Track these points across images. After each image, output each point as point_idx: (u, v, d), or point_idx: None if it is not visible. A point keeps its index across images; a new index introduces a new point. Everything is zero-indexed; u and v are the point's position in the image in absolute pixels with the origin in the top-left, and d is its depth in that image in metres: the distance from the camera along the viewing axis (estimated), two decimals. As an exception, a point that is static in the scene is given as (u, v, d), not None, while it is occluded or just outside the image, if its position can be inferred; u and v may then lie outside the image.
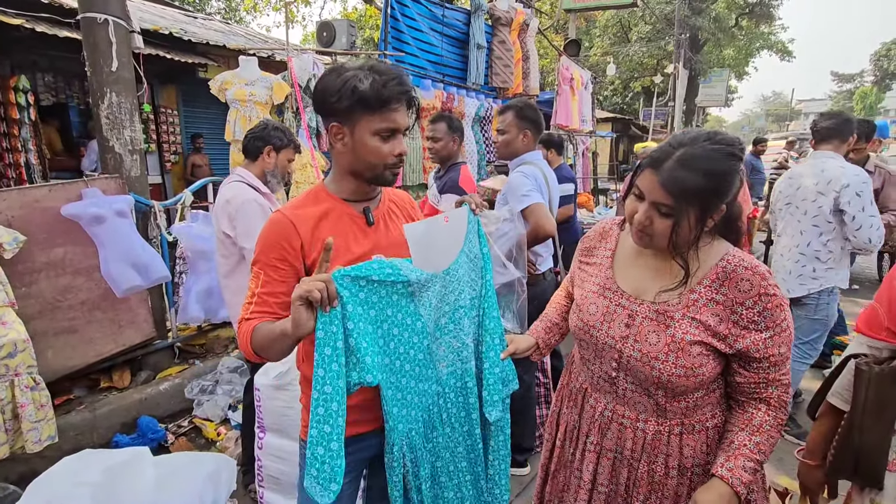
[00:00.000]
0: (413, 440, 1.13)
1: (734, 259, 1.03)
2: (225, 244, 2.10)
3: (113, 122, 2.97)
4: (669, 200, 0.98)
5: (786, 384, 1.05)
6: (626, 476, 1.15)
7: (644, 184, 1.02)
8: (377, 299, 1.01)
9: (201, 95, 6.67)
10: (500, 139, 2.34)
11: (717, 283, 1.02)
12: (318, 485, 0.90)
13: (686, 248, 1.03)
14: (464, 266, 1.21)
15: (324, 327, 0.90)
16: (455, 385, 1.22)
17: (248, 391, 2.30)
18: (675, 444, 1.10)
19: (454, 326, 1.19)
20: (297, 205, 1.20)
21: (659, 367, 1.04)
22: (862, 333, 1.21)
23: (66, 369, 2.69)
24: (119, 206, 2.73)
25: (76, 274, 2.71)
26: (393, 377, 1.07)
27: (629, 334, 1.09)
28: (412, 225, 1.11)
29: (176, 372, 3.15)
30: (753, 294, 0.99)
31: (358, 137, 1.11)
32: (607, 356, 1.14)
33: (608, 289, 1.17)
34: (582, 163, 7.66)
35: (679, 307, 1.04)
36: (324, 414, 0.90)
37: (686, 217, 0.98)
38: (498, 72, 5.84)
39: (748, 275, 1.00)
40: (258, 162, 2.20)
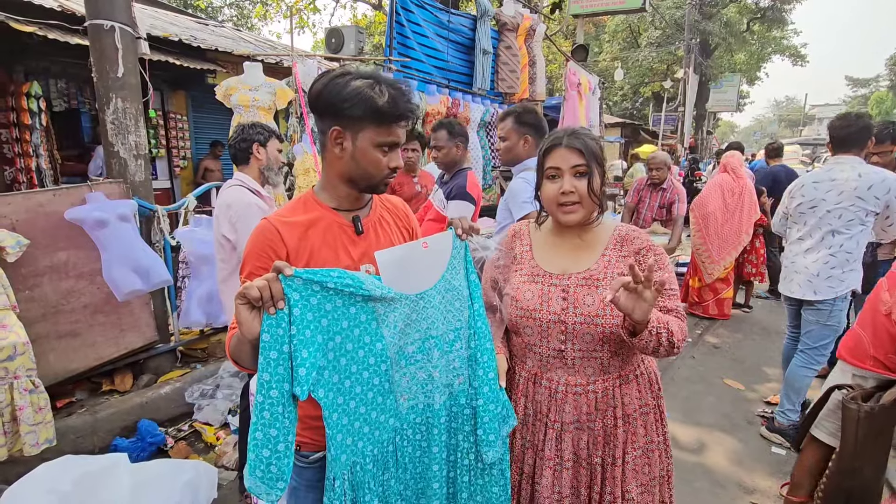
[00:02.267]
0: (357, 476, 1.02)
1: (622, 228, 1.33)
2: (224, 248, 2.11)
3: (118, 128, 3.00)
4: (583, 160, 1.25)
5: (682, 314, 1.26)
6: (585, 440, 1.29)
7: (557, 160, 1.27)
8: (331, 308, 0.94)
9: (210, 101, 6.71)
10: (502, 146, 2.33)
11: (618, 245, 1.30)
12: (263, 484, 0.88)
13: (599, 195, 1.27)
14: (441, 294, 1.11)
15: (269, 330, 0.86)
16: (415, 421, 1.11)
17: (244, 396, 2.29)
18: (618, 395, 1.28)
19: (422, 356, 1.09)
20: (285, 212, 1.19)
21: (601, 322, 1.22)
22: (845, 361, 1.14)
23: (67, 372, 2.71)
24: (122, 211, 2.75)
25: (79, 278, 2.73)
26: (339, 398, 0.97)
27: (567, 305, 1.26)
28: (385, 251, 1.04)
29: (177, 376, 3.16)
30: (644, 246, 1.27)
31: (360, 146, 1.10)
32: (553, 331, 1.28)
33: (537, 275, 1.33)
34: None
35: (599, 269, 1.27)
36: (270, 417, 0.86)
37: (595, 172, 1.26)
38: (504, 77, 5.83)
39: (635, 235, 1.30)
40: (251, 163, 2.21)
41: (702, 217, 4.67)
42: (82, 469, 0.84)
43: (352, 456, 1.01)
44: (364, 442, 1.02)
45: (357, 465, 1.02)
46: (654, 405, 1.34)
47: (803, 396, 2.73)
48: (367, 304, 0.98)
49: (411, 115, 1.13)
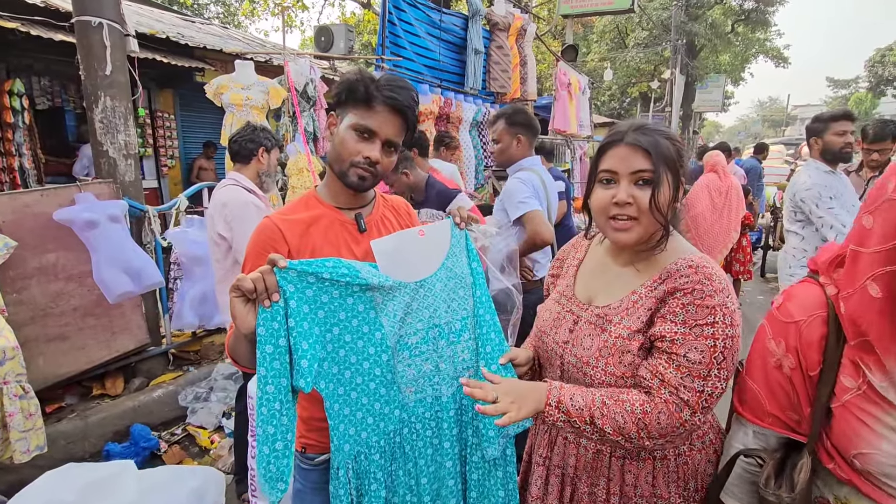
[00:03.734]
0: (361, 466, 1.01)
1: (684, 260, 0.95)
2: (220, 248, 2.08)
3: (107, 127, 2.95)
4: (648, 164, 0.93)
5: (684, 401, 0.88)
6: (569, 496, 1.10)
7: (614, 161, 0.97)
8: (328, 299, 0.93)
9: (198, 100, 6.63)
10: (496, 148, 2.33)
11: (659, 281, 0.96)
12: (266, 483, 0.87)
13: (666, 212, 0.95)
14: (443, 282, 1.09)
15: (264, 324, 0.85)
16: (424, 415, 1.08)
17: (240, 398, 2.27)
18: (616, 468, 1.03)
19: (427, 347, 1.06)
20: (286, 211, 1.19)
21: (590, 373, 0.99)
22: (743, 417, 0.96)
23: (57, 377, 2.66)
24: (112, 212, 2.70)
25: (68, 280, 2.68)
26: (340, 388, 0.97)
27: (570, 339, 1.06)
28: (380, 239, 1.03)
29: (170, 379, 3.11)
30: (686, 287, 0.91)
31: (341, 128, 1.12)
32: (554, 363, 1.11)
33: (564, 295, 1.15)
34: (580, 167, 7.66)
35: (619, 311, 1.00)
36: (267, 414, 0.85)
37: (664, 180, 0.94)
38: (496, 77, 5.84)
39: (689, 272, 0.92)
40: (252, 164, 2.18)
41: (691, 218, 4.73)
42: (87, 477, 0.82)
43: (355, 446, 1.00)
44: (368, 433, 1.01)
45: (361, 455, 1.01)
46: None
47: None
48: (365, 294, 0.97)
49: (388, 102, 1.08)
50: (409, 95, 1.12)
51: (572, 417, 0.90)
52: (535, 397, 0.92)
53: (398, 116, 1.12)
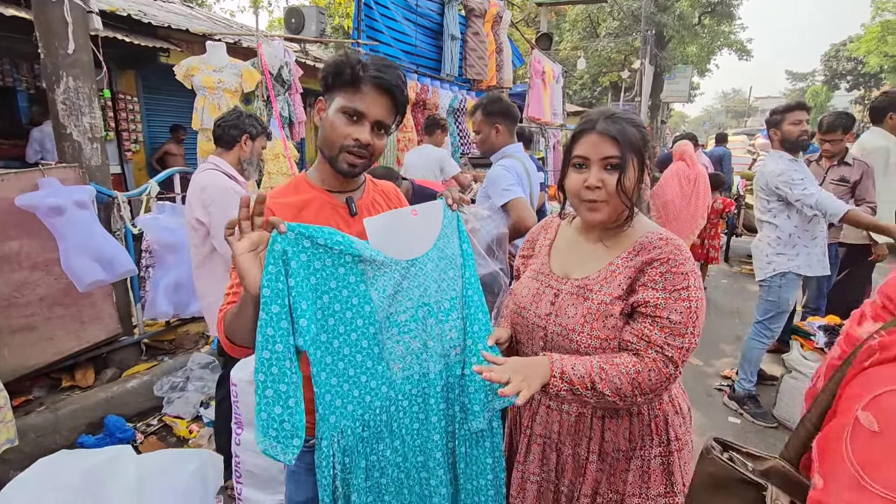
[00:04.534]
0: (348, 441, 1.02)
1: (653, 234, 1.07)
2: (198, 233, 2.04)
3: (70, 108, 2.81)
4: (616, 150, 1.03)
5: (670, 358, 0.98)
6: (554, 461, 1.17)
7: (586, 147, 1.06)
8: (320, 266, 0.94)
9: (164, 82, 6.37)
10: (477, 139, 2.37)
11: (634, 253, 1.07)
12: (279, 443, 0.87)
13: (631, 194, 1.05)
14: (434, 261, 1.11)
15: (269, 284, 0.86)
16: (411, 392, 1.10)
17: (220, 386, 2.24)
18: (598, 427, 1.11)
19: (416, 325, 1.08)
20: (276, 194, 1.18)
21: (576, 338, 1.06)
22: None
23: (24, 368, 2.56)
24: (79, 197, 2.60)
25: (33, 268, 2.57)
26: (328, 357, 0.97)
27: (552, 311, 1.13)
28: (373, 217, 1.04)
29: (144, 369, 3.04)
30: (662, 257, 1.02)
31: (329, 112, 1.11)
32: (536, 336, 1.16)
33: (541, 273, 1.21)
34: (553, 156, 7.75)
35: (598, 280, 1.09)
36: (278, 373, 0.86)
37: (631, 165, 1.04)
38: (472, 63, 5.83)
39: (661, 243, 1.04)
40: (234, 150, 2.14)
41: (662, 205, 4.88)
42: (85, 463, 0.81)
43: (341, 418, 1.00)
44: (354, 405, 1.02)
45: (347, 429, 1.01)
46: (653, 456, 1.10)
47: (756, 367, 2.94)
48: (357, 266, 0.99)
49: (373, 82, 1.08)
50: (396, 75, 1.11)
51: (575, 385, 0.98)
52: (540, 371, 0.98)
53: (386, 97, 1.11)
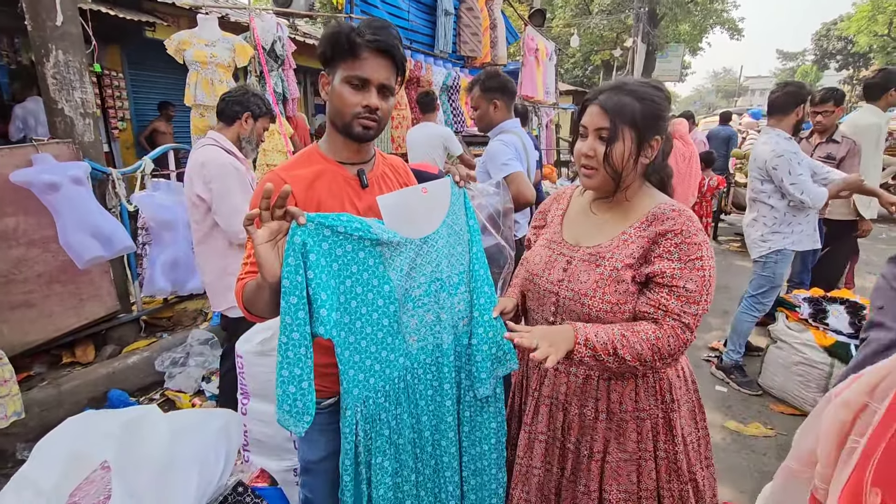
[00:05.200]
0: (370, 410, 1.09)
1: (665, 205, 1.12)
2: (199, 209, 2.04)
3: (61, 83, 2.77)
4: (606, 122, 1.07)
5: (686, 325, 1.04)
6: (560, 420, 1.22)
7: (586, 118, 1.12)
8: (342, 253, 0.99)
9: (150, 57, 6.24)
10: (475, 115, 2.39)
11: (646, 223, 1.11)
12: (291, 417, 0.94)
13: (621, 169, 1.09)
14: (444, 238, 1.16)
15: (289, 276, 0.90)
16: (425, 361, 1.17)
17: (225, 358, 2.29)
18: (604, 388, 1.16)
19: (429, 300, 1.14)
20: (289, 166, 1.20)
21: (588, 303, 1.11)
22: None
23: (24, 345, 2.57)
24: (74, 173, 2.58)
25: (30, 245, 2.56)
26: (351, 337, 1.04)
27: (565, 277, 1.17)
28: (386, 195, 1.08)
29: (143, 346, 3.06)
30: (675, 228, 1.06)
31: (334, 84, 1.13)
32: (547, 301, 1.21)
33: (553, 241, 1.26)
34: (545, 134, 7.75)
35: (610, 248, 1.13)
36: (293, 357, 0.92)
37: (621, 137, 1.07)
38: (466, 40, 5.77)
39: (674, 215, 1.08)
40: (234, 126, 2.13)
41: (655, 182, 4.95)
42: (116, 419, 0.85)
43: (363, 391, 1.07)
44: (375, 378, 1.09)
45: (369, 399, 1.09)
46: (658, 415, 1.17)
47: (745, 339, 3.04)
48: (375, 249, 1.03)
49: (372, 46, 1.09)
50: (390, 34, 1.12)
51: (598, 351, 1.02)
52: (565, 338, 1.03)
53: (386, 58, 1.12)
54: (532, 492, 1.26)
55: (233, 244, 2.10)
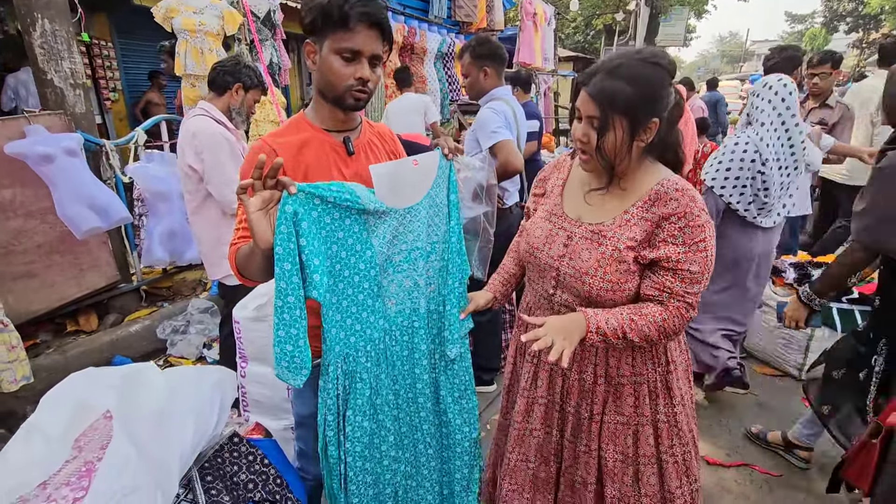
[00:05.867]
0: (349, 367, 1.14)
1: (668, 183, 1.08)
2: (191, 179, 2.07)
3: (49, 53, 2.75)
4: (596, 111, 1.03)
5: (690, 304, 1.07)
6: (560, 385, 1.26)
7: (580, 102, 1.08)
8: (329, 220, 1.03)
9: (139, 26, 6.10)
10: (466, 82, 2.38)
11: (649, 203, 1.09)
12: (290, 372, 1.02)
13: (614, 157, 1.07)
14: (426, 209, 1.20)
15: (282, 244, 0.95)
16: (402, 324, 1.22)
17: (224, 324, 2.36)
18: (602, 355, 1.19)
19: (408, 266, 1.19)
20: (278, 133, 1.23)
21: (589, 281, 1.12)
22: None
23: (29, 314, 2.65)
24: (68, 145, 2.59)
25: (28, 217, 2.60)
26: (334, 298, 1.08)
27: (566, 253, 1.17)
28: (379, 165, 1.12)
29: (145, 314, 3.15)
30: (679, 211, 1.05)
31: (324, 56, 1.13)
32: (547, 275, 1.22)
33: (554, 214, 1.24)
34: (544, 102, 7.66)
35: (612, 227, 1.12)
36: (290, 319, 0.99)
37: (613, 126, 1.03)
38: (461, 5, 5.64)
39: (678, 195, 1.06)
40: (224, 97, 2.14)
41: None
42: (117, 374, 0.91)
43: (344, 348, 1.13)
44: (356, 338, 1.15)
45: (350, 357, 1.15)
46: (655, 379, 1.20)
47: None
48: (360, 217, 1.08)
49: (365, 19, 1.10)
50: (379, 6, 1.13)
51: (608, 337, 1.06)
52: (578, 328, 1.05)
53: (376, 29, 1.13)
54: (531, 452, 1.31)
55: (226, 214, 2.14)
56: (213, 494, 0.95)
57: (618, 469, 1.22)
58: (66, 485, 0.79)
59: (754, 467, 2.13)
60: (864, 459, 1.20)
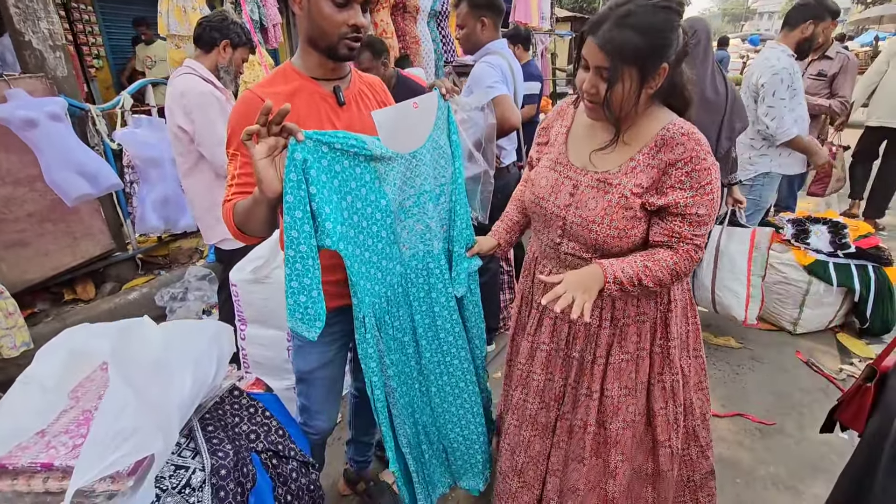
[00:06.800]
0: (377, 313, 1.18)
1: (674, 127, 1.07)
2: (181, 141, 2.02)
3: (24, 13, 2.63)
4: (606, 62, 1.00)
5: (698, 245, 1.10)
6: (566, 332, 1.28)
7: (586, 51, 1.04)
8: (340, 169, 1.02)
9: (119, -14, 5.86)
10: (461, 34, 2.28)
11: (655, 149, 1.08)
12: (304, 324, 1.01)
13: (621, 109, 1.05)
14: (430, 152, 1.20)
15: (292, 191, 0.93)
16: (417, 267, 1.25)
17: (222, 289, 2.35)
18: (608, 299, 1.20)
19: (417, 210, 1.20)
20: (266, 84, 1.19)
21: (596, 229, 1.12)
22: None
23: (24, 283, 2.63)
24: (51, 109, 2.51)
25: (16, 184, 2.55)
26: (357, 250, 1.09)
27: (572, 202, 1.17)
28: (380, 111, 1.09)
29: (142, 283, 3.14)
30: (685, 156, 1.04)
31: (314, 2, 1.08)
32: (554, 225, 1.22)
33: (559, 163, 1.23)
34: (541, 64, 7.46)
35: (618, 175, 1.11)
36: (302, 268, 0.97)
37: (622, 77, 1.01)
38: (453, -41, 5.40)
39: (684, 140, 1.05)
40: (212, 54, 2.06)
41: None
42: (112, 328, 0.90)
43: (372, 297, 1.15)
44: (379, 286, 1.17)
45: (376, 305, 1.17)
46: (655, 316, 1.25)
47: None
48: (370, 164, 1.06)
49: None
50: None
51: (625, 285, 1.08)
52: (596, 280, 1.07)
53: None
54: (531, 395, 1.36)
55: (220, 175, 2.09)
56: (215, 443, 0.96)
57: (621, 403, 1.26)
58: (64, 433, 0.79)
59: (748, 416, 2.18)
60: (859, 402, 1.21)
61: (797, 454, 1.99)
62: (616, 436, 1.27)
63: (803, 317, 2.75)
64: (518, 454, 1.39)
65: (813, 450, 2.00)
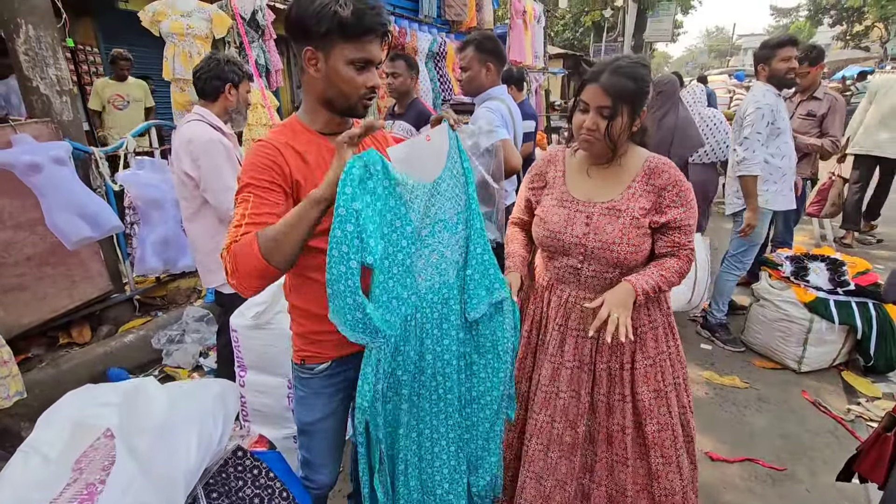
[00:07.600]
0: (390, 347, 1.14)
1: (654, 160, 1.36)
2: (187, 186, 2.03)
3: (34, 60, 2.69)
4: (609, 102, 1.26)
5: (692, 248, 1.36)
6: (589, 348, 1.41)
7: (588, 96, 1.30)
8: (382, 191, 1.02)
9: (124, 30, 6.01)
10: (464, 76, 2.34)
11: (646, 177, 1.35)
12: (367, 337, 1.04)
13: (619, 139, 1.30)
14: (447, 181, 1.21)
15: (345, 205, 0.93)
16: (432, 300, 1.21)
17: (221, 334, 2.32)
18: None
19: (433, 240, 1.19)
20: (279, 134, 1.20)
21: (616, 249, 1.33)
22: None
23: (20, 327, 2.60)
24: (56, 153, 2.54)
25: (17, 228, 2.55)
26: (381, 275, 1.07)
27: (589, 230, 1.36)
28: (396, 147, 1.11)
29: (139, 324, 3.10)
30: (671, 181, 1.32)
31: (332, 65, 1.10)
32: (574, 252, 1.40)
33: (566, 200, 1.43)
34: (535, 100, 7.66)
35: (623, 201, 1.35)
36: (353, 286, 0.97)
37: (620, 114, 1.28)
38: (451, 3, 5.63)
39: (666, 168, 1.34)
40: (219, 101, 2.09)
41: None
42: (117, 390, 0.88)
43: (386, 328, 1.09)
44: (391, 316, 1.12)
45: (390, 337, 1.13)
46: (664, 321, 1.43)
47: (728, 298, 3.13)
48: (396, 190, 1.06)
49: (380, 29, 1.09)
50: (384, 11, 1.12)
51: (650, 294, 1.29)
52: (629, 295, 1.26)
53: (382, 37, 1.12)
54: (557, 414, 1.44)
55: (223, 221, 2.10)
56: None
57: (653, 405, 1.40)
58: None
59: (758, 461, 2.13)
60: (878, 452, 1.19)
61: (810, 503, 1.94)
62: (653, 438, 1.39)
63: (807, 355, 2.73)
64: (545, 480, 1.44)
65: (826, 497, 1.96)
